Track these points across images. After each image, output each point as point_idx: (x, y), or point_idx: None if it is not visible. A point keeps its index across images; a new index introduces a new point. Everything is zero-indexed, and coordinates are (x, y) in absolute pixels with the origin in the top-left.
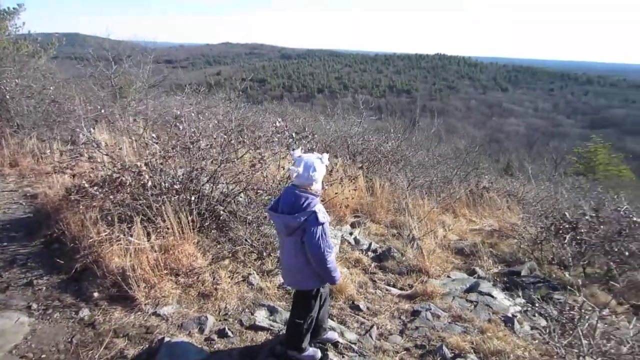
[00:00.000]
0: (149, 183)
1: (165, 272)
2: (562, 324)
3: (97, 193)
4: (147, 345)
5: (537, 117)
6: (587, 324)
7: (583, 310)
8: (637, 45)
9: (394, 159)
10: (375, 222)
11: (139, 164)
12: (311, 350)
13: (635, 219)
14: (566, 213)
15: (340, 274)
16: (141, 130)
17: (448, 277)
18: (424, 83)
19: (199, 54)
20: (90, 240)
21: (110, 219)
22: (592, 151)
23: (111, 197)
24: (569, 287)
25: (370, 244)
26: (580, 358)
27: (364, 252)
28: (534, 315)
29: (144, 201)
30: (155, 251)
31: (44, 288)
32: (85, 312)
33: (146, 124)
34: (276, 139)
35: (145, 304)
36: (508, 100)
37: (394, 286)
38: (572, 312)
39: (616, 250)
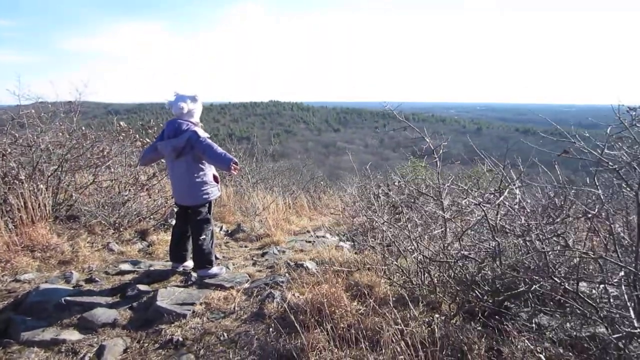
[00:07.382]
0: None
1: (20, 248)
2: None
3: None
4: (12, 300)
5: (368, 153)
6: None
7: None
8: (437, 86)
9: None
10: (226, 223)
11: None
12: (217, 267)
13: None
14: (380, 184)
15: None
16: None
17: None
18: (262, 129)
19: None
20: None
21: None
22: (412, 167)
23: None
24: None
25: (222, 226)
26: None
27: (218, 232)
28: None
29: None
30: (10, 231)
31: None
32: None
33: None
34: (121, 137)
35: (2, 275)
36: (341, 139)
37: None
38: None
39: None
